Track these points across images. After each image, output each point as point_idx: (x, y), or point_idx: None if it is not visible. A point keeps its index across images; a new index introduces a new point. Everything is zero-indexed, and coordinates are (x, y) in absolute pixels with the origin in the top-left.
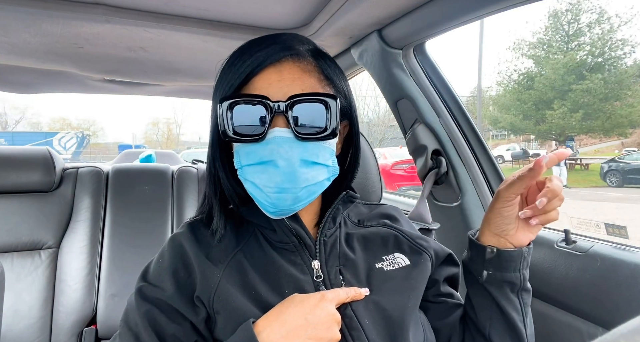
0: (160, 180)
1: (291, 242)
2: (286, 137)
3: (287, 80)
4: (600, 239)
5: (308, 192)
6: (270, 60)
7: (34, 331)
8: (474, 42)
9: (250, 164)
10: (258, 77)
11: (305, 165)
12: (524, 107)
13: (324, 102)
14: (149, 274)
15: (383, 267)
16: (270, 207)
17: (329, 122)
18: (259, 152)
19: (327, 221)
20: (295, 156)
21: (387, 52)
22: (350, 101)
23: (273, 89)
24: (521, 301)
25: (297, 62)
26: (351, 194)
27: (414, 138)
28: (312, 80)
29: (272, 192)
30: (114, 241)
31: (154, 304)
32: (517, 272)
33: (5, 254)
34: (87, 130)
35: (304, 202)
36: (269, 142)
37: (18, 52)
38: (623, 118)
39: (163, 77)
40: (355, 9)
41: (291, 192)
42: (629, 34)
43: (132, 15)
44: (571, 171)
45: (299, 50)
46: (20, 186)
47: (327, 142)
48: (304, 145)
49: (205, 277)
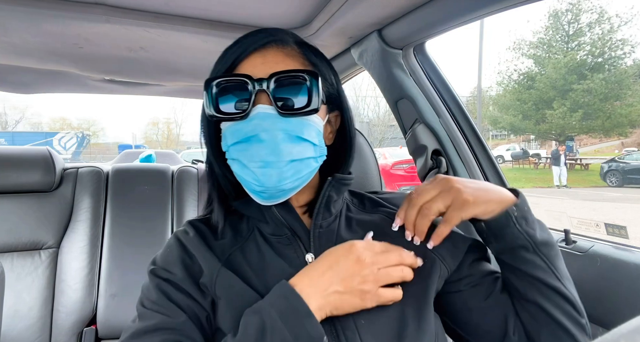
0: (160, 180)
1: (284, 235)
2: (269, 113)
3: (270, 62)
4: (600, 239)
5: (294, 169)
6: (255, 46)
7: (34, 331)
8: (474, 42)
9: (235, 143)
10: (243, 62)
11: (290, 140)
12: (524, 107)
13: (305, 78)
14: (158, 262)
15: None
16: (256, 186)
17: (310, 97)
18: (244, 129)
19: (320, 210)
20: (278, 130)
21: (387, 52)
22: (339, 90)
23: (257, 70)
24: (543, 257)
25: (281, 47)
26: (340, 177)
27: (414, 138)
28: (296, 63)
29: (256, 167)
30: (114, 241)
31: (166, 281)
32: (518, 233)
33: (5, 254)
34: (87, 130)
35: (290, 181)
36: (253, 118)
37: (18, 52)
38: (623, 118)
39: (163, 77)
40: (355, 9)
41: (275, 167)
42: (629, 34)
43: (132, 15)
44: (571, 171)
45: (283, 37)
46: (20, 186)
47: (312, 120)
48: (287, 120)
49: (207, 264)
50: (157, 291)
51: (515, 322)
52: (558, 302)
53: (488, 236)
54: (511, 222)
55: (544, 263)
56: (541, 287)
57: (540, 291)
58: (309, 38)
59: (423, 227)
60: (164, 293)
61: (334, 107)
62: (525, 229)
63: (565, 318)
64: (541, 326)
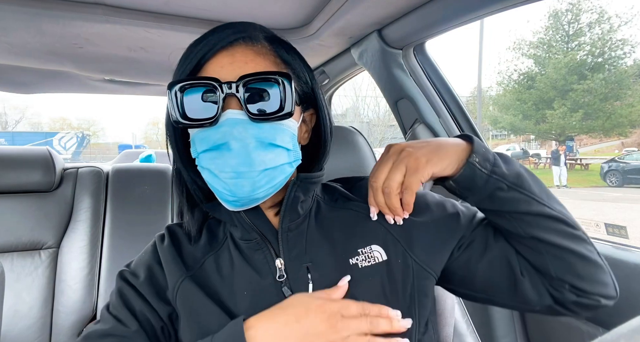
0: (160, 180)
1: (254, 239)
2: (239, 119)
3: (239, 62)
4: (600, 239)
5: (267, 177)
6: (222, 43)
7: (34, 331)
8: (474, 42)
9: (205, 151)
10: (210, 61)
11: (262, 148)
12: (524, 107)
13: (277, 80)
14: (131, 264)
15: (358, 263)
16: (229, 196)
17: (283, 101)
18: (213, 136)
19: (286, 213)
20: (249, 137)
21: (387, 52)
22: (313, 88)
23: (225, 71)
24: (520, 189)
25: (250, 45)
26: (305, 176)
27: (414, 138)
28: (266, 63)
29: (228, 178)
30: (114, 241)
31: (129, 285)
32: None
33: (5, 254)
34: (87, 130)
35: (264, 190)
36: (222, 125)
37: (18, 52)
38: (623, 118)
39: (163, 77)
40: (355, 9)
41: (248, 177)
42: (629, 34)
43: (132, 15)
44: (571, 171)
45: (253, 34)
46: (20, 186)
47: (286, 124)
48: (258, 126)
49: (171, 276)
50: (118, 296)
51: (520, 262)
52: (550, 225)
53: (461, 192)
54: (477, 170)
55: (523, 195)
56: (530, 219)
57: (530, 223)
58: (309, 38)
59: (395, 207)
60: (123, 298)
61: (308, 106)
62: (492, 170)
63: (562, 238)
64: (544, 255)
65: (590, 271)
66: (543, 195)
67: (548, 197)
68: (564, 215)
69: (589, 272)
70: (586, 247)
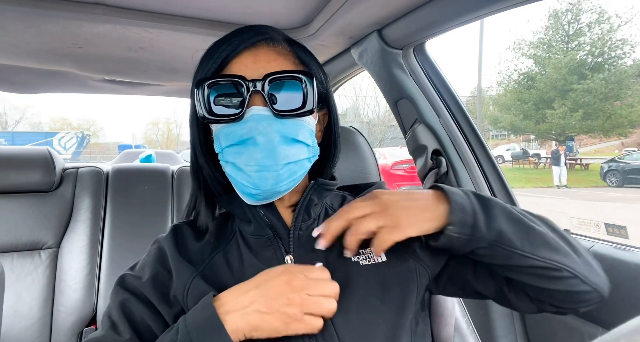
0: (160, 180)
1: (266, 235)
2: (264, 115)
3: (262, 61)
4: (600, 239)
5: (289, 171)
6: (246, 44)
7: (34, 331)
8: (474, 42)
9: (229, 145)
10: (234, 61)
11: (285, 142)
12: (524, 107)
13: (300, 79)
14: (134, 268)
15: (359, 261)
16: (252, 189)
17: (306, 98)
18: (238, 131)
19: (300, 213)
20: (274, 132)
21: (387, 52)
22: (327, 89)
23: (249, 70)
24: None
25: (272, 46)
26: (323, 182)
27: (414, 138)
28: (287, 63)
29: (253, 171)
30: (114, 241)
31: (130, 292)
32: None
33: (5, 254)
34: (87, 130)
35: (285, 183)
36: (248, 121)
37: (18, 52)
38: (623, 118)
39: (163, 77)
40: (355, 9)
41: (272, 170)
42: (628, 34)
43: (132, 15)
44: (571, 171)
45: (274, 36)
46: (20, 186)
47: (306, 121)
48: (282, 122)
49: (179, 276)
50: (117, 302)
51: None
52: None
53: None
54: (454, 239)
55: (503, 250)
56: (510, 268)
57: (511, 270)
58: (309, 38)
59: (352, 244)
60: (122, 305)
61: (323, 106)
62: (471, 235)
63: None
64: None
65: (570, 297)
66: (526, 245)
67: (532, 244)
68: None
69: (569, 299)
70: (568, 282)
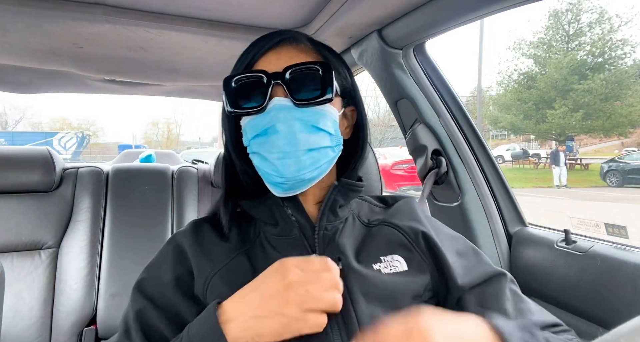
0: (160, 180)
1: (292, 235)
2: (285, 105)
3: (284, 58)
4: (600, 239)
5: (312, 159)
6: (270, 45)
7: (34, 331)
8: (474, 42)
9: (255, 136)
10: (260, 60)
11: (306, 129)
12: (525, 107)
13: (317, 68)
14: (150, 267)
15: (380, 269)
16: (276, 177)
17: (324, 87)
18: (262, 122)
19: (326, 213)
20: (293, 120)
21: (387, 52)
22: (353, 85)
23: (272, 66)
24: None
25: (295, 45)
26: (346, 182)
27: (414, 138)
28: (309, 58)
29: (275, 159)
30: (114, 241)
31: (149, 298)
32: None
33: (5, 254)
34: (87, 130)
35: (309, 171)
36: (270, 111)
37: (18, 52)
38: (623, 118)
39: (163, 77)
40: (355, 9)
41: (293, 156)
42: (629, 34)
43: (132, 15)
44: (571, 171)
45: (296, 36)
46: (20, 186)
47: (327, 110)
48: (302, 110)
49: (200, 272)
50: (135, 309)
51: None
52: None
53: None
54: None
55: None
56: None
57: None
58: None
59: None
60: (139, 313)
61: (349, 102)
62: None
63: None
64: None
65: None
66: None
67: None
68: None
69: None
70: None
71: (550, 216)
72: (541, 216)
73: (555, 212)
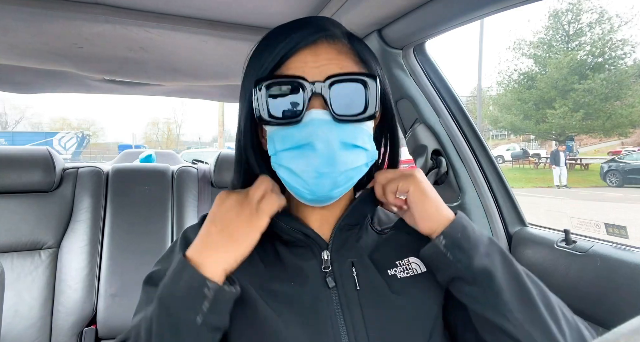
0: (160, 180)
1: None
2: (324, 119)
3: (322, 61)
4: (600, 239)
5: (346, 177)
6: (305, 42)
7: (34, 331)
8: (474, 42)
9: (286, 149)
10: (293, 58)
11: (345, 148)
12: (525, 107)
13: (363, 81)
14: (160, 260)
15: (397, 274)
16: (307, 194)
17: (368, 103)
18: (296, 135)
19: (348, 213)
20: (334, 138)
21: (387, 52)
22: (385, 86)
23: (309, 70)
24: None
25: (332, 43)
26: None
27: (414, 138)
28: (348, 62)
29: (310, 178)
30: (114, 241)
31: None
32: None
33: (5, 254)
34: (87, 130)
35: (342, 189)
36: (307, 125)
37: (18, 52)
38: (623, 118)
39: (163, 77)
40: (355, 9)
41: (330, 177)
42: (629, 34)
43: (132, 15)
44: (571, 171)
45: (334, 32)
46: (20, 186)
47: (366, 125)
48: (342, 127)
49: None
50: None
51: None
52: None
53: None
54: (439, 254)
55: (483, 295)
56: (484, 323)
57: (484, 327)
58: None
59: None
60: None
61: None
62: (458, 257)
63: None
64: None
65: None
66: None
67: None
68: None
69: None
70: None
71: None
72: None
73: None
